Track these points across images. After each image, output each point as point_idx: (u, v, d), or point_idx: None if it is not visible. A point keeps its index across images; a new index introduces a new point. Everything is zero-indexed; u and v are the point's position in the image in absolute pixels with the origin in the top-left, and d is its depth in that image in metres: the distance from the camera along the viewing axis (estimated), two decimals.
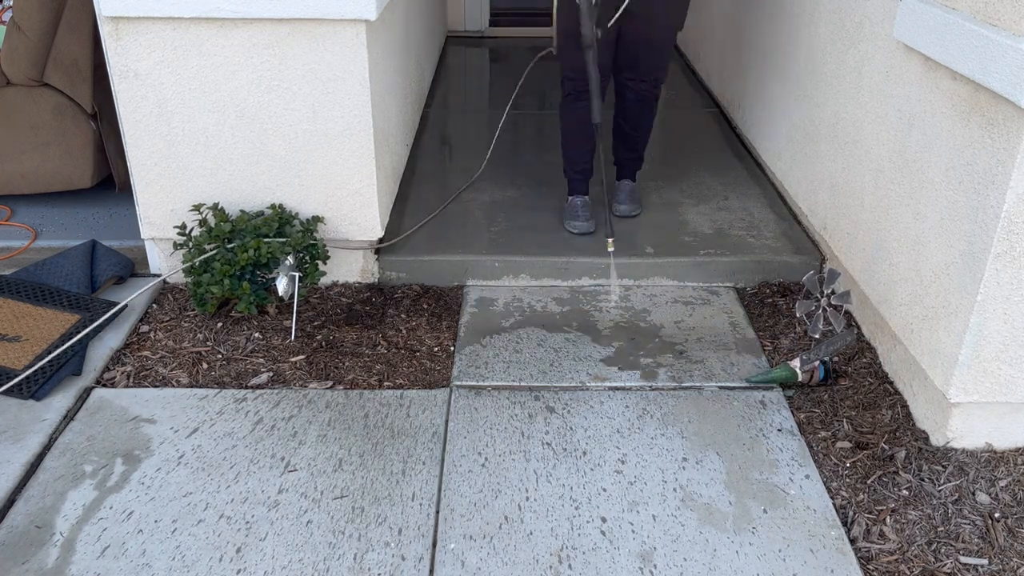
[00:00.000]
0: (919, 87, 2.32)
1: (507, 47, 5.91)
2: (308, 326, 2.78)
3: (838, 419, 2.38)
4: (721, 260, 3.05)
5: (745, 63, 4.11)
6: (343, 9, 2.58)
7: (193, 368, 2.58)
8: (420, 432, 2.32)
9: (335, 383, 2.53)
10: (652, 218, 3.34)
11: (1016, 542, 2.00)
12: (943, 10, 2.15)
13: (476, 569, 1.91)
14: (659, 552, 1.96)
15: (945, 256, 2.20)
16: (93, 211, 3.49)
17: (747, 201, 3.49)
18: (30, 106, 3.26)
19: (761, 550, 1.96)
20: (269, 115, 2.76)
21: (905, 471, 2.19)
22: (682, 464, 2.22)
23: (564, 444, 2.29)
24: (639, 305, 2.93)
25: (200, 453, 2.24)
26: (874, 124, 2.60)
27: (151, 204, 2.91)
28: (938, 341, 2.23)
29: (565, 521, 2.04)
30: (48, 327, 2.67)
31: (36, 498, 2.09)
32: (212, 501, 2.09)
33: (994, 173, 1.99)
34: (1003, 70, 1.89)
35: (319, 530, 2.01)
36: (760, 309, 2.91)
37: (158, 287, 2.98)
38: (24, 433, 2.29)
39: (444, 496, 2.12)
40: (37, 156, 3.33)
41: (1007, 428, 2.25)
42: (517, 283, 3.05)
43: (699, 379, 2.55)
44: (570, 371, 2.58)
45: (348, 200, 2.89)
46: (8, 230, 3.34)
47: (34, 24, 3.13)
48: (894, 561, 1.95)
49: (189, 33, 2.65)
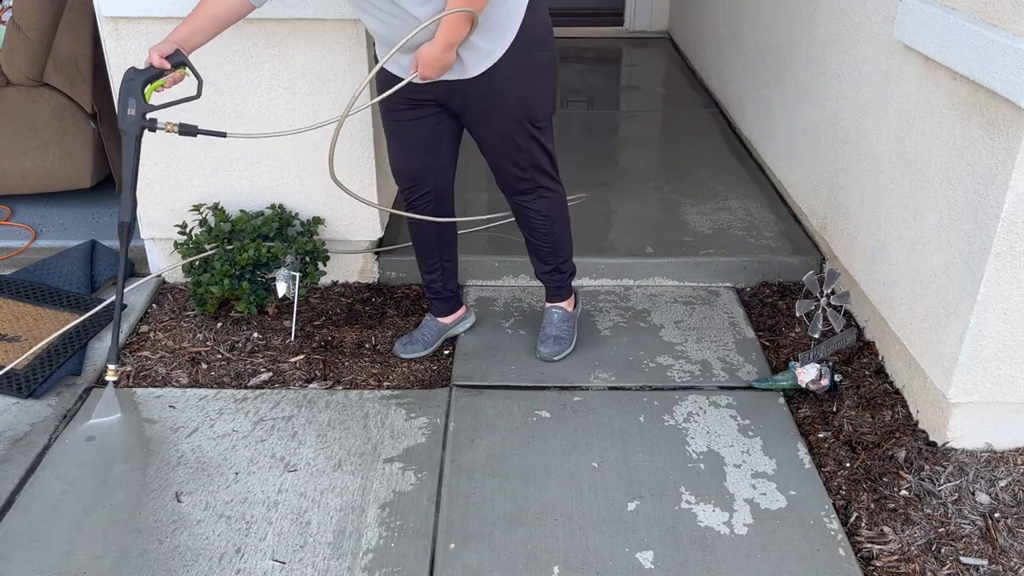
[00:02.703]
0: (919, 87, 2.32)
1: None
2: (308, 326, 2.78)
3: (838, 419, 2.38)
4: (721, 260, 3.05)
5: (745, 63, 4.11)
6: (343, 9, 2.58)
7: (193, 368, 2.58)
8: (420, 432, 2.32)
9: (335, 383, 2.53)
10: (652, 218, 3.34)
11: (1016, 542, 1.99)
12: (943, 10, 2.15)
13: (477, 569, 1.91)
14: (655, 551, 1.96)
15: (945, 256, 2.20)
16: (93, 211, 3.49)
17: (747, 201, 3.49)
18: (30, 106, 3.26)
19: (761, 550, 1.96)
20: (269, 115, 2.76)
21: (905, 471, 2.18)
22: (683, 463, 2.22)
23: (565, 444, 2.29)
24: (639, 305, 2.93)
25: (200, 453, 2.24)
26: (874, 124, 2.60)
27: (151, 204, 2.90)
28: (938, 341, 2.23)
29: (566, 521, 2.04)
30: (48, 327, 2.67)
31: (36, 498, 2.09)
32: (212, 501, 2.09)
33: (994, 173, 1.99)
34: (1003, 70, 1.89)
35: (319, 530, 2.01)
36: (760, 309, 2.91)
37: (158, 287, 2.97)
38: (24, 433, 2.29)
39: (444, 496, 2.12)
40: (37, 156, 3.33)
41: (1007, 428, 2.25)
42: (517, 283, 3.05)
43: (699, 379, 2.55)
44: (570, 371, 2.58)
45: (348, 200, 2.89)
46: (8, 230, 3.34)
47: (34, 24, 3.13)
48: (894, 561, 1.95)
49: None
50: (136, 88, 2.13)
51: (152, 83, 2.14)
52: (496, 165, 2.36)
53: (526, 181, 2.39)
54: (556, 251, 2.57)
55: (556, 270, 2.61)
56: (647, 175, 3.73)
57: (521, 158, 2.33)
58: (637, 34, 6.18)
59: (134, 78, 2.13)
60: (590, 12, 6.24)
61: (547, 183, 2.42)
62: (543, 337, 2.64)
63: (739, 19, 4.23)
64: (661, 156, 4.01)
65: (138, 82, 2.13)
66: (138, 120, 2.15)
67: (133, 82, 2.13)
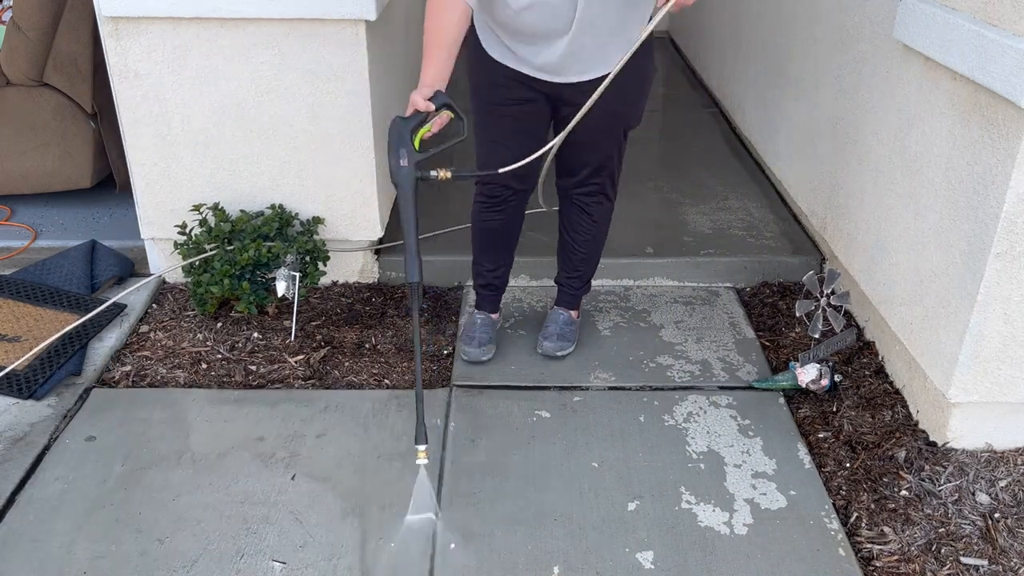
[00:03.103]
0: (919, 87, 2.32)
1: None
2: (308, 326, 2.78)
3: (838, 419, 2.38)
4: (721, 260, 3.05)
5: (745, 63, 4.11)
6: (343, 9, 2.58)
7: (193, 368, 2.58)
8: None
9: (335, 383, 2.53)
10: (652, 218, 3.34)
11: (1016, 542, 1.99)
12: (943, 10, 2.15)
13: (477, 569, 1.91)
14: (655, 551, 1.96)
15: (945, 256, 2.20)
16: (93, 211, 3.49)
17: (747, 201, 3.49)
18: (30, 106, 3.26)
19: (761, 550, 1.96)
20: (269, 115, 2.76)
21: (905, 471, 2.18)
22: (683, 463, 2.22)
23: (565, 444, 2.29)
24: (639, 305, 2.93)
25: (200, 453, 2.24)
26: (874, 124, 2.60)
27: (151, 204, 2.90)
28: (938, 341, 2.23)
29: (566, 521, 2.04)
30: (48, 327, 2.67)
31: (36, 498, 2.09)
32: (212, 501, 2.09)
33: (994, 173, 1.99)
34: (1003, 70, 1.89)
35: (319, 530, 2.01)
36: (760, 309, 2.91)
37: (158, 287, 2.97)
38: (23, 433, 2.29)
39: (444, 496, 2.11)
40: (37, 156, 3.33)
41: (1007, 428, 2.25)
42: (517, 283, 3.05)
43: (699, 379, 2.55)
44: (570, 371, 2.58)
45: (348, 200, 2.89)
46: (8, 230, 3.34)
47: (34, 24, 3.13)
48: (895, 561, 1.95)
49: (189, 33, 2.65)
50: (405, 137, 1.95)
51: (420, 129, 1.99)
52: (579, 161, 2.37)
53: (596, 184, 2.43)
54: (589, 260, 2.61)
55: (580, 279, 2.65)
56: (647, 175, 3.73)
57: (605, 161, 2.38)
58: None
59: (402, 127, 1.95)
60: None
61: (610, 191, 2.48)
62: (547, 334, 2.65)
63: (739, 19, 4.23)
64: (661, 156, 4.01)
65: (406, 130, 1.96)
66: (412, 171, 1.94)
67: (403, 131, 1.95)
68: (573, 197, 2.48)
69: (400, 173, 1.94)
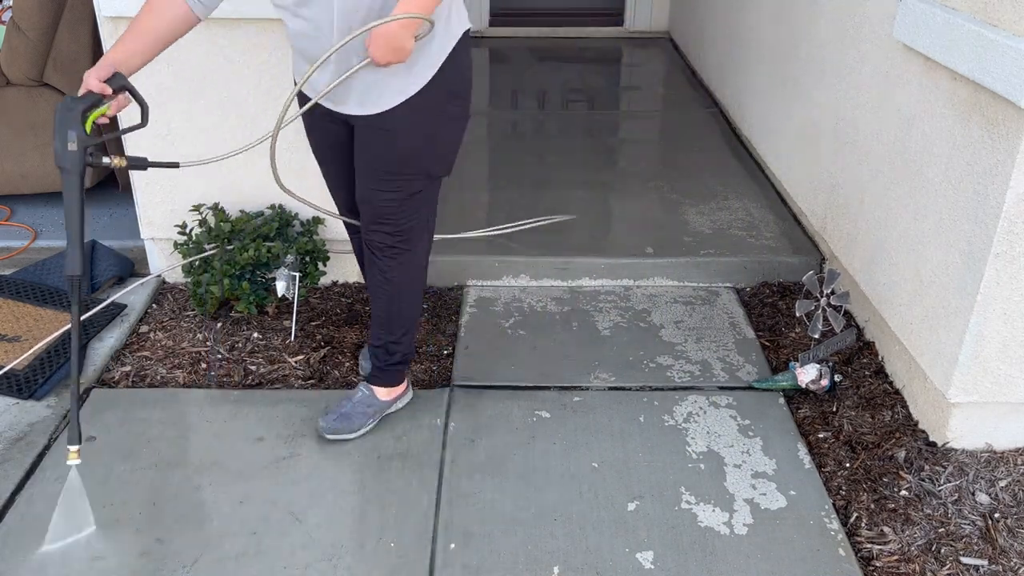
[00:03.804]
0: (919, 87, 2.32)
1: (507, 47, 5.90)
2: (308, 326, 2.78)
3: (838, 419, 2.38)
4: (721, 260, 3.05)
5: (745, 63, 4.11)
6: None
7: (192, 368, 2.58)
8: (420, 432, 2.32)
9: (335, 383, 2.53)
10: (652, 218, 3.34)
11: (1016, 542, 1.99)
12: (943, 10, 2.15)
13: (477, 568, 1.91)
14: (655, 552, 1.96)
15: (945, 256, 2.20)
16: (93, 211, 3.49)
17: (747, 201, 3.49)
18: (30, 106, 3.26)
19: (761, 550, 1.96)
20: (269, 115, 2.76)
21: (905, 471, 2.18)
22: (683, 463, 2.22)
23: (565, 444, 2.29)
24: (639, 305, 2.93)
25: (200, 454, 2.24)
26: (874, 124, 2.60)
27: (151, 204, 2.90)
28: (938, 341, 2.23)
29: (566, 521, 2.04)
30: (48, 327, 2.67)
31: (36, 498, 2.09)
32: (212, 501, 2.09)
33: (994, 173, 1.99)
34: (1003, 70, 1.89)
35: (319, 530, 2.01)
36: (760, 309, 2.91)
37: (158, 287, 2.97)
38: (23, 433, 2.29)
39: (444, 496, 2.11)
40: (37, 156, 3.33)
41: (1007, 428, 2.25)
42: (517, 283, 3.05)
43: (699, 379, 2.55)
44: (570, 371, 2.58)
45: None
46: (8, 230, 3.34)
47: (34, 24, 3.13)
48: (894, 561, 1.95)
49: (189, 33, 2.64)
50: (75, 118, 1.81)
51: (92, 111, 1.85)
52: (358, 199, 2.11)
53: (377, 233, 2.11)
54: (387, 325, 2.22)
55: (383, 348, 2.25)
56: (647, 175, 3.73)
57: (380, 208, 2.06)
58: (637, 34, 6.19)
59: (72, 107, 1.81)
60: (590, 12, 6.24)
61: (402, 246, 2.11)
62: (330, 408, 2.30)
63: (739, 19, 4.23)
64: (661, 156, 4.01)
65: (77, 111, 1.81)
66: (81, 155, 1.80)
67: (71, 112, 1.81)
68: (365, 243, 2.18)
69: (66, 157, 1.80)
